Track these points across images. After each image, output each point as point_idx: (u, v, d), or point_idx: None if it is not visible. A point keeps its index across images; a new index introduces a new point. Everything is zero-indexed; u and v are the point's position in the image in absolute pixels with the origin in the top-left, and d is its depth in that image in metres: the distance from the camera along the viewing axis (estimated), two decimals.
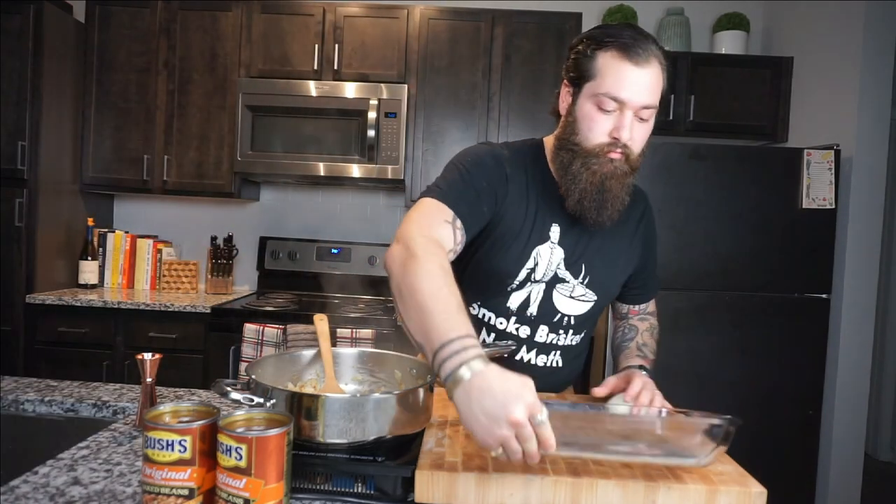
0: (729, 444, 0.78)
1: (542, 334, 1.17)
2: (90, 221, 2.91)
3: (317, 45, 2.82)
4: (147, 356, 1.01)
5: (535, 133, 2.81)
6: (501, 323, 1.16)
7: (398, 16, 2.82)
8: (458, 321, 0.78)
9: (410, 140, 2.84)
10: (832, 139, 2.54)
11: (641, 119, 1.02)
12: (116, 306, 2.60)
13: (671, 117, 2.85)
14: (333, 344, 1.07)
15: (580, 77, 1.03)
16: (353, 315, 2.56)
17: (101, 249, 2.97)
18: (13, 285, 2.59)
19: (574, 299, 1.17)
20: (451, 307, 0.80)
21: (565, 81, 1.08)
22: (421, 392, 0.85)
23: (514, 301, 1.15)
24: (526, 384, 0.72)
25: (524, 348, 1.17)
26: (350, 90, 2.73)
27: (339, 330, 2.41)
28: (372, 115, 2.69)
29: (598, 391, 1.09)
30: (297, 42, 2.83)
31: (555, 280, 1.15)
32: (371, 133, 2.69)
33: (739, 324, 2.46)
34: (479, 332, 1.16)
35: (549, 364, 1.19)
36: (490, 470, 0.78)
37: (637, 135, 1.03)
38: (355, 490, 0.78)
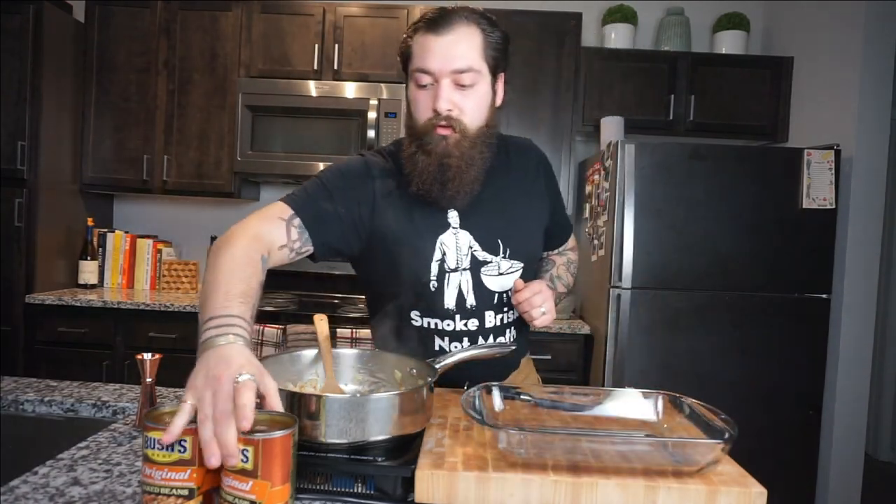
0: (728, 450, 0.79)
1: (491, 319, 1.16)
2: (90, 221, 2.91)
3: (317, 45, 2.82)
4: (147, 356, 1.01)
5: (534, 133, 2.82)
6: (448, 325, 1.15)
7: (398, 16, 2.82)
8: (236, 303, 0.78)
9: None
10: (832, 139, 2.54)
11: (463, 86, 1.02)
12: (116, 306, 2.60)
13: (671, 117, 2.85)
14: (333, 344, 1.07)
15: (405, 65, 1.08)
16: (353, 315, 2.56)
17: (100, 249, 2.97)
18: (13, 285, 2.59)
19: (503, 275, 1.15)
20: (235, 290, 0.80)
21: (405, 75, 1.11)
22: (421, 392, 0.85)
23: (449, 299, 1.14)
24: (253, 362, 0.70)
25: (480, 338, 1.16)
26: (350, 90, 2.73)
27: (339, 330, 2.41)
28: (372, 115, 2.69)
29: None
30: (297, 42, 2.83)
31: (477, 265, 1.13)
32: (371, 133, 2.69)
33: (739, 324, 2.46)
34: (432, 342, 1.15)
35: (509, 338, 1.21)
36: (490, 470, 0.78)
37: (464, 103, 1.03)
38: (355, 490, 0.78)
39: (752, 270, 2.46)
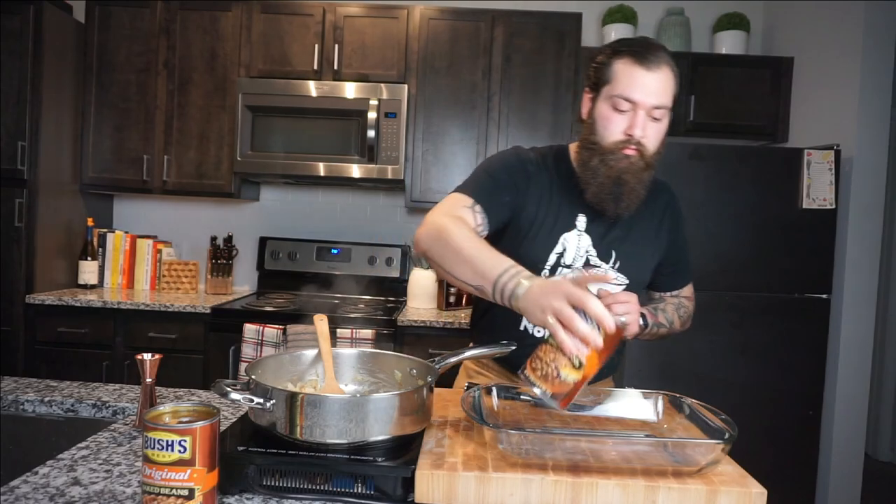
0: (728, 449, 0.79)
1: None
2: (90, 221, 2.91)
3: (317, 45, 2.82)
4: (147, 356, 1.01)
5: (534, 133, 2.82)
6: None
7: (398, 16, 2.82)
8: (501, 258, 0.96)
9: (410, 140, 2.84)
10: (832, 139, 2.54)
11: (654, 119, 1.12)
12: (116, 306, 2.60)
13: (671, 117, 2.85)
14: (333, 344, 1.07)
15: (598, 82, 1.15)
16: (353, 315, 2.56)
17: (100, 249, 2.96)
18: (13, 285, 2.59)
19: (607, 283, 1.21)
20: (492, 251, 0.98)
21: (587, 89, 1.20)
22: (421, 392, 0.85)
23: None
24: (565, 279, 0.88)
25: None
26: (350, 90, 2.73)
27: (339, 330, 2.41)
28: (372, 115, 2.69)
29: None
30: (297, 42, 2.83)
31: (587, 266, 1.22)
32: (371, 133, 2.69)
33: (739, 324, 2.46)
34: (520, 320, 1.23)
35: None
36: (490, 470, 0.78)
37: (651, 133, 1.13)
38: (355, 490, 0.78)
39: (752, 270, 2.46)
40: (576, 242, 1.22)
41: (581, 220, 1.23)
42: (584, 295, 0.82)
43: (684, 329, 1.35)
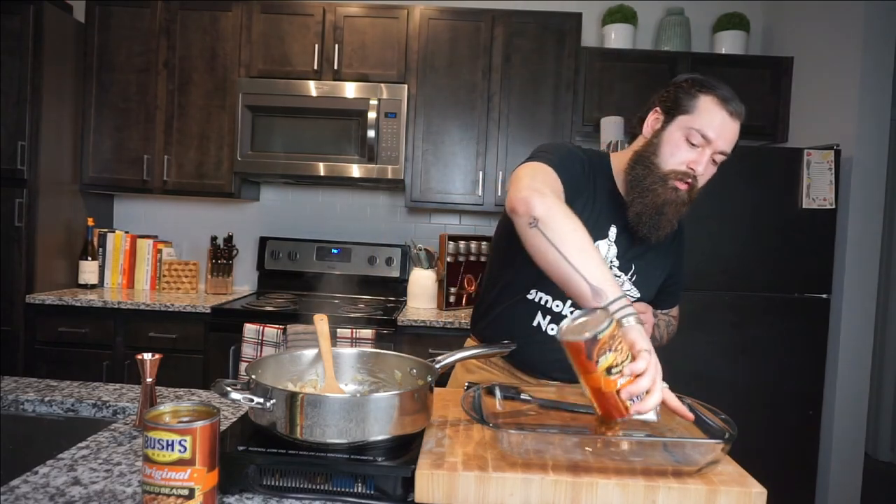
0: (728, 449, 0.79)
1: None
2: (90, 221, 2.91)
3: (317, 45, 2.82)
4: (147, 356, 1.01)
5: (534, 133, 2.82)
6: (558, 306, 1.24)
7: (398, 16, 2.82)
8: (612, 279, 0.92)
9: (410, 140, 2.84)
10: (832, 139, 2.54)
11: (714, 161, 1.16)
12: (116, 306, 2.60)
13: None
14: (333, 344, 1.07)
15: (675, 108, 1.17)
16: (353, 315, 2.56)
17: (101, 249, 2.97)
18: (13, 285, 2.59)
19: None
20: (599, 258, 0.94)
21: (658, 108, 1.21)
22: (421, 392, 0.85)
23: None
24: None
25: None
26: (350, 90, 2.73)
27: (339, 330, 2.41)
28: (372, 115, 2.69)
29: None
30: (297, 42, 2.83)
31: None
32: (371, 133, 2.69)
33: (739, 324, 2.46)
34: (534, 316, 1.25)
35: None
36: (490, 470, 0.78)
37: (707, 173, 1.17)
38: (355, 490, 0.78)
39: (752, 270, 2.46)
40: (605, 251, 1.24)
41: (613, 231, 1.24)
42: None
43: (662, 345, 1.40)
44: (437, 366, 0.97)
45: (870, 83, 2.44)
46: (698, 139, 1.14)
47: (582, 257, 0.91)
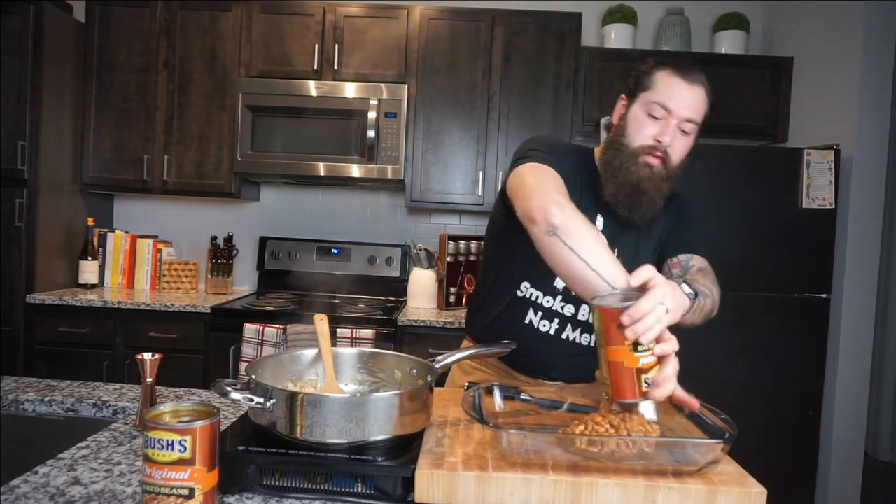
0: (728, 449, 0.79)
1: (584, 313, 1.25)
2: (90, 221, 2.91)
3: (317, 45, 2.82)
4: (147, 356, 1.01)
5: (534, 132, 2.82)
6: (548, 301, 1.25)
7: (398, 16, 2.82)
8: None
9: (410, 140, 2.84)
10: (832, 139, 2.54)
11: (683, 132, 1.16)
12: (116, 306, 2.60)
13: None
14: (333, 344, 1.07)
15: (637, 88, 1.19)
16: (353, 315, 2.56)
17: (101, 249, 2.97)
18: (13, 285, 2.59)
19: None
20: (615, 263, 0.92)
21: (622, 95, 1.24)
22: (421, 392, 0.85)
23: (561, 281, 1.21)
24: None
25: (569, 326, 1.25)
26: (350, 90, 2.73)
27: (339, 330, 2.41)
28: (372, 115, 2.69)
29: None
30: (297, 42, 2.83)
31: None
32: (371, 133, 2.69)
33: (739, 324, 2.46)
34: (525, 313, 1.26)
35: (592, 343, 1.25)
36: (490, 469, 0.78)
37: (677, 145, 1.16)
38: (355, 490, 0.78)
39: (752, 270, 2.46)
40: None
41: (599, 221, 1.24)
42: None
43: (713, 315, 1.25)
44: (437, 366, 0.97)
45: (870, 83, 2.44)
46: (660, 111, 1.15)
47: (605, 264, 0.91)
